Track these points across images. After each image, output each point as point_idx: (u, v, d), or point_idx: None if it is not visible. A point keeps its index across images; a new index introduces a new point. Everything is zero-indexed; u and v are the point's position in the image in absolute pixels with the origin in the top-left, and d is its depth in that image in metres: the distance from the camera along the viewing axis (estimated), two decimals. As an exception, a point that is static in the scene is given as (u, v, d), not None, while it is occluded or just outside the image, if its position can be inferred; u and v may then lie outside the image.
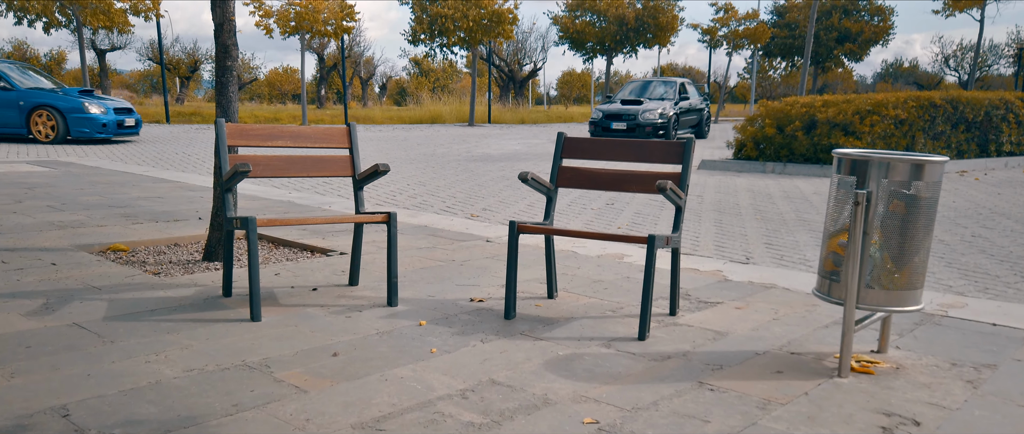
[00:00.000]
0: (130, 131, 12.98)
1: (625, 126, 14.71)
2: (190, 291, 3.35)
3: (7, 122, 12.27)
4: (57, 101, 12.04)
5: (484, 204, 6.78)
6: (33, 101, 12.09)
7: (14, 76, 12.63)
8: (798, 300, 3.51)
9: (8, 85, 12.31)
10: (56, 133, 12.04)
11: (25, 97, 12.15)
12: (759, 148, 9.70)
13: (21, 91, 12.21)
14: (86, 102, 12.10)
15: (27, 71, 13.36)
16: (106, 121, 12.20)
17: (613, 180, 3.23)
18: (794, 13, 28.20)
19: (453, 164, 10.64)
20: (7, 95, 12.26)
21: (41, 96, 12.13)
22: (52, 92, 12.33)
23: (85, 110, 12.03)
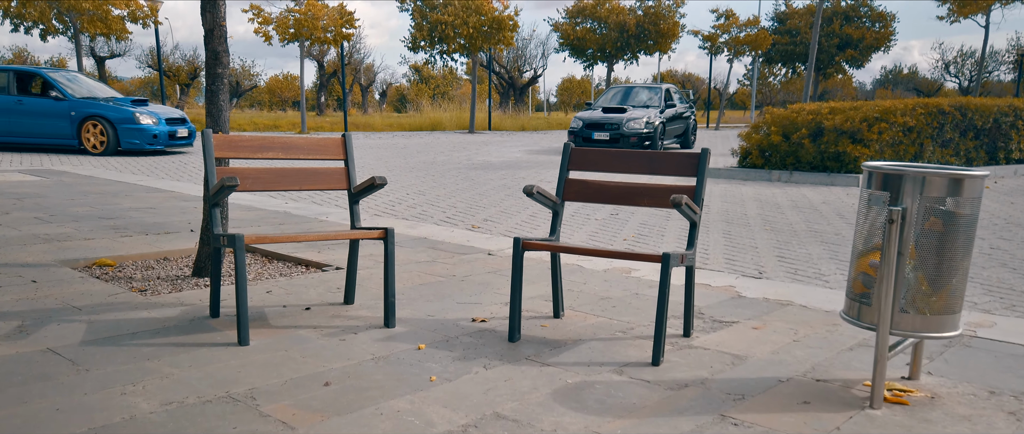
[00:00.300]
0: (183, 142, 12.37)
1: (608, 136, 13.50)
2: (175, 311, 3.17)
3: (58, 133, 11.82)
4: (108, 111, 11.56)
5: (485, 214, 6.61)
6: (84, 111, 11.63)
7: (66, 85, 12.17)
8: (817, 319, 3.33)
9: (60, 95, 11.85)
10: (106, 144, 11.60)
11: (76, 107, 11.68)
12: (765, 156, 9.53)
13: (72, 100, 11.75)
14: (137, 112, 11.61)
15: (80, 79, 12.79)
16: (157, 132, 11.65)
17: (623, 194, 3.05)
18: (795, 20, 28.08)
19: (453, 172, 10.48)
20: (58, 105, 11.78)
21: (92, 106, 11.66)
22: (103, 102, 11.88)
23: (136, 121, 11.53)
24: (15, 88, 12.15)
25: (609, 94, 15.79)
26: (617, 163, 3.11)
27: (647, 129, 13.39)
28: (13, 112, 11.99)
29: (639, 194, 3.01)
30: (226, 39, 3.86)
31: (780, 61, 29.57)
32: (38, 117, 11.88)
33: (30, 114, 11.93)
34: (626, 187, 3.07)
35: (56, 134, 11.84)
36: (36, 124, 11.93)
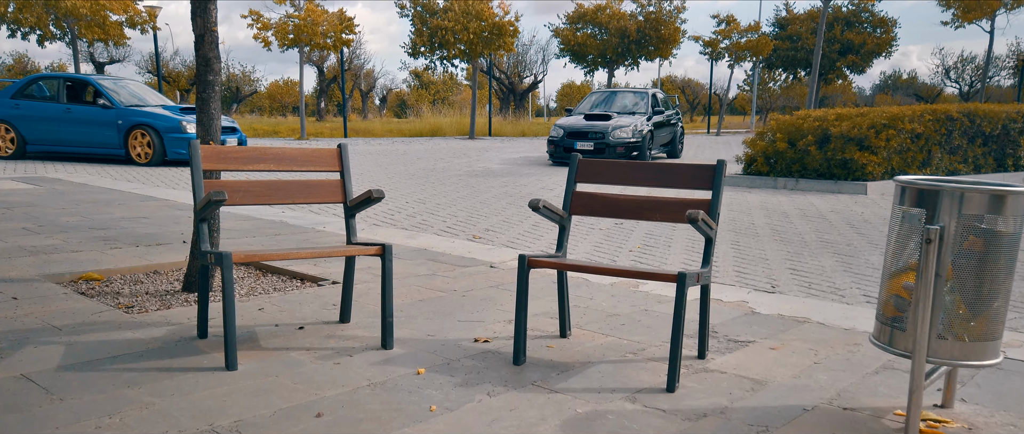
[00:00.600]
0: None
1: (592, 146, 12.10)
2: (162, 331, 3.00)
3: (105, 142, 11.27)
4: (154, 120, 10.98)
5: (487, 224, 6.45)
6: (131, 120, 11.05)
7: (115, 92, 11.58)
8: (837, 338, 3.16)
9: (108, 103, 11.27)
10: (152, 155, 11.04)
11: (123, 115, 11.10)
12: (770, 163, 9.37)
13: (119, 109, 11.17)
14: (184, 121, 10.99)
15: (131, 86, 12.16)
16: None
17: (634, 208, 2.89)
18: (796, 25, 27.98)
19: (454, 179, 10.32)
20: (105, 113, 11.23)
21: (138, 114, 11.08)
22: (151, 110, 11.28)
23: (182, 129, 10.91)
24: (65, 96, 11.65)
25: (591, 99, 14.47)
26: (627, 175, 2.95)
27: (634, 138, 12.08)
28: (62, 121, 11.49)
29: (651, 208, 2.85)
30: (218, 45, 3.71)
31: (781, 66, 29.45)
32: (86, 126, 11.39)
33: (78, 123, 11.44)
34: (637, 200, 2.91)
35: (103, 143, 11.30)
36: (84, 133, 11.43)
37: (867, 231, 6.19)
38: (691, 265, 4.82)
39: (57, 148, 11.73)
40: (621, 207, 2.92)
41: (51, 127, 11.52)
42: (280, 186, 3.00)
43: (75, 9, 14.95)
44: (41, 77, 11.82)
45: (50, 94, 11.73)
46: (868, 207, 7.61)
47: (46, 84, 11.76)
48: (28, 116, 11.61)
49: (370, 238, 5.44)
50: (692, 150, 18.58)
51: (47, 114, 11.51)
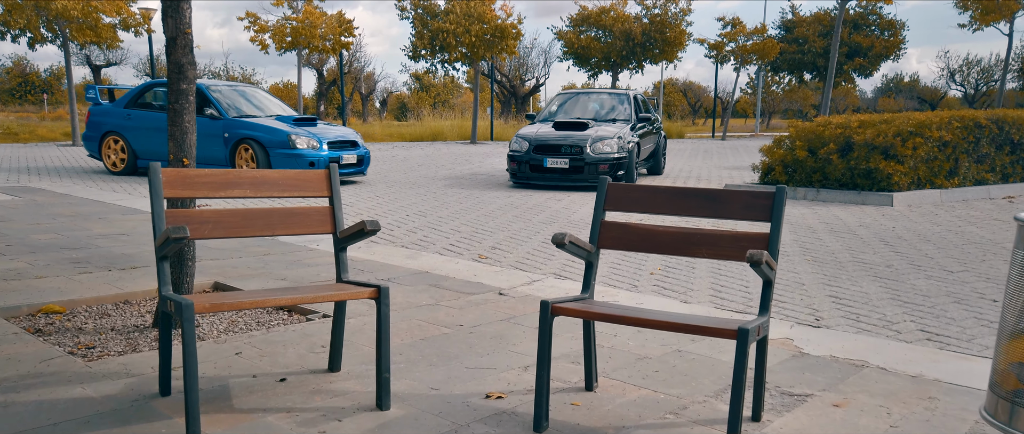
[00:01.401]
0: (352, 170, 10.05)
1: (567, 164, 9.31)
2: (118, 385, 2.56)
3: (212, 157, 9.95)
4: (260, 132, 9.53)
5: (493, 240, 6.00)
6: (237, 132, 9.68)
7: (224, 100, 10.23)
8: (906, 390, 2.72)
9: (215, 112, 9.95)
10: None
11: (230, 127, 9.76)
12: (788, 172, 8.93)
13: (227, 119, 9.85)
14: (293, 134, 9.45)
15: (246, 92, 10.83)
16: (314, 158, 9.42)
17: (677, 242, 2.44)
18: (802, 28, 27.54)
19: (456, 189, 9.87)
20: (213, 125, 9.90)
21: (245, 126, 9.67)
22: (259, 121, 9.80)
23: (290, 145, 9.36)
24: None
25: (559, 103, 11.61)
26: (668, 203, 2.50)
27: (620, 153, 9.38)
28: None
29: (698, 243, 2.40)
30: (192, 49, 3.27)
31: (787, 70, 29.01)
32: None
33: None
34: (680, 234, 2.46)
35: (209, 159, 9.96)
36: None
37: (904, 249, 5.74)
38: (725, 297, 4.37)
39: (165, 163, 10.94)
40: (661, 241, 2.47)
41: (160, 139, 10.21)
42: (258, 216, 2.55)
43: (66, 11, 14.52)
44: (156, 83, 10.61)
45: (162, 103, 10.55)
46: (898, 220, 7.16)
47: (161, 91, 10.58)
48: (137, 127, 10.36)
49: (367, 259, 5.00)
50: (697, 159, 18.13)
51: (156, 125, 10.23)
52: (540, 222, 6.99)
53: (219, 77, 44.54)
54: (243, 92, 10.75)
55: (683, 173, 12.85)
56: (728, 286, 4.50)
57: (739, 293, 4.32)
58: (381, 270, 4.69)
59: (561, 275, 4.76)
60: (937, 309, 4.02)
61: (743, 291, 4.37)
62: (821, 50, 27.29)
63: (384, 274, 4.56)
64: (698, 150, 20.07)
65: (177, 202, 3.00)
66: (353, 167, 10.05)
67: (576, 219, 7.20)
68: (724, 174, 12.58)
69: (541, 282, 4.46)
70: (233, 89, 10.61)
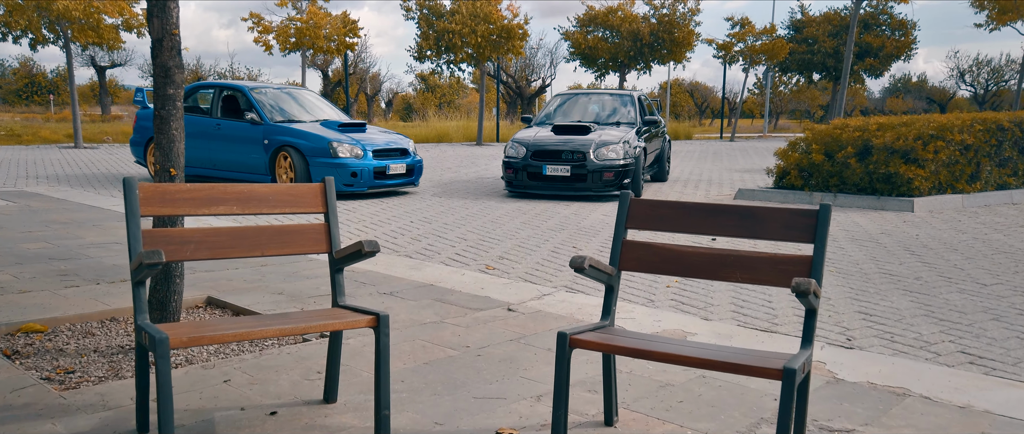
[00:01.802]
0: (400, 181, 9.00)
1: (568, 172, 8.56)
2: (92, 420, 2.33)
3: (252, 166, 9.04)
4: (299, 139, 8.60)
5: (500, 249, 5.77)
6: (277, 138, 8.78)
7: (266, 103, 9.27)
8: (957, 423, 2.47)
9: (256, 116, 9.03)
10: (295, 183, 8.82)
11: (270, 133, 8.87)
12: (804, 176, 8.66)
13: (267, 124, 8.94)
14: (335, 142, 8.48)
15: (292, 94, 9.86)
16: (357, 169, 8.41)
17: (709, 264, 2.20)
18: (812, 28, 27.20)
19: (462, 193, 9.64)
20: (253, 130, 9.02)
21: (285, 132, 8.77)
22: (299, 127, 8.87)
23: (330, 153, 8.40)
24: (219, 109, 9.54)
25: (557, 105, 10.78)
26: (698, 221, 2.26)
27: (626, 160, 8.63)
28: (214, 138, 9.40)
29: (733, 266, 2.16)
30: (180, 52, 3.05)
31: (796, 70, 28.67)
32: (233, 145, 9.23)
33: (227, 140, 9.28)
34: (712, 255, 2.22)
35: (249, 167, 9.12)
36: (231, 154, 9.28)
37: (931, 259, 5.48)
38: (748, 313, 4.13)
39: (208, 171, 9.61)
40: (690, 263, 2.23)
41: (203, 146, 9.50)
42: (247, 235, 2.33)
43: (67, 12, 14.35)
44: (202, 86, 9.94)
45: (206, 106, 9.81)
46: (921, 228, 6.90)
47: (206, 94, 9.86)
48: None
49: (369, 270, 4.77)
50: (706, 161, 17.86)
51: (200, 130, 9.50)
52: (548, 229, 6.76)
53: (224, 78, 44.37)
54: (292, 95, 9.90)
55: (692, 177, 12.58)
56: (750, 300, 4.25)
57: (762, 309, 4.07)
58: (384, 282, 4.46)
59: (573, 288, 4.52)
60: (975, 327, 3.77)
61: (766, 306, 4.12)
62: (831, 50, 26.96)
63: (387, 287, 4.34)
64: (707, 152, 19.80)
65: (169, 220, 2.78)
66: (402, 178, 9.04)
67: (586, 226, 6.96)
68: (735, 177, 12.32)
69: (552, 296, 4.23)
70: (280, 92, 9.78)
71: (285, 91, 9.87)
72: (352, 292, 4.24)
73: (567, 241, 6.14)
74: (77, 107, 16.26)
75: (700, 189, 10.35)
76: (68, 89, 52.41)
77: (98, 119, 30.07)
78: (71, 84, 16.22)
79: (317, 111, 9.78)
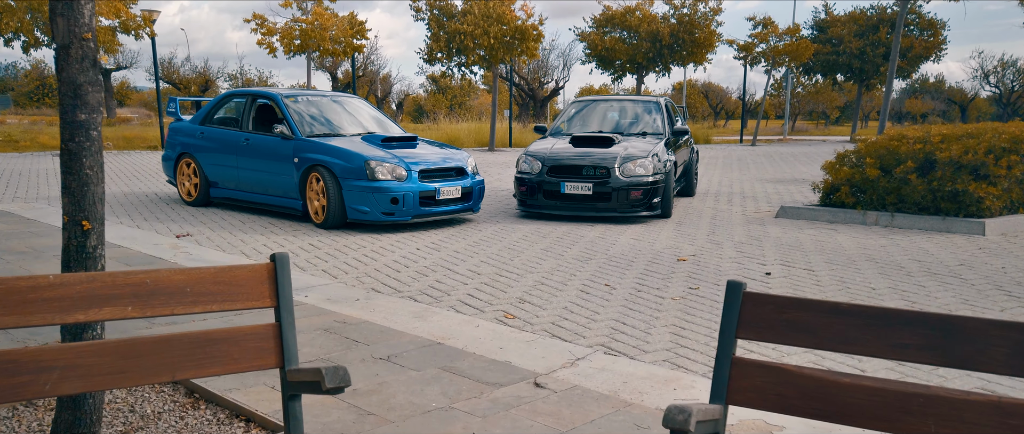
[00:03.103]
0: (454, 207, 7.36)
1: (590, 190, 7.54)
2: None
3: (282, 188, 7.55)
4: (332, 157, 7.03)
5: (520, 287, 4.94)
6: (308, 156, 7.20)
7: (303, 113, 7.73)
8: None
9: (288, 130, 7.46)
10: (327, 211, 7.06)
11: (301, 149, 7.29)
12: (857, 193, 7.78)
13: (298, 140, 7.36)
14: (374, 161, 6.87)
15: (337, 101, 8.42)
16: (399, 193, 6.84)
17: (879, 407, 1.36)
18: (837, 28, 26.17)
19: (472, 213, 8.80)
20: (283, 146, 7.47)
21: (315, 147, 7.18)
22: (334, 143, 7.22)
23: (367, 174, 6.83)
24: (250, 121, 8.04)
25: (574, 113, 9.72)
26: (857, 333, 1.42)
27: (656, 175, 7.60)
28: (242, 154, 7.91)
29: (922, 413, 1.32)
30: (95, 63, 2.25)
31: (821, 71, 27.66)
32: (261, 162, 7.71)
33: (255, 157, 7.78)
34: (884, 392, 1.37)
35: (279, 189, 7.59)
36: (259, 174, 7.76)
37: (1034, 303, 4.60)
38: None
39: (237, 194, 8.15)
40: (847, 403, 1.39)
41: (230, 163, 8.06)
42: (147, 350, 1.51)
43: (61, 13, 13.67)
44: (234, 94, 8.55)
45: (236, 116, 8.38)
46: (1001, 256, 6.01)
47: (238, 103, 8.43)
48: (208, 148, 8.28)
49: (364, 320, 3.96)
50: (732, 169, 16.94)
51: (226, 145, 8.09)
52: (573, 258, 5.93)
53: (235, 81, 43.60)
54: (338, 103, 8.37)
55: (722, 190, 11.69)
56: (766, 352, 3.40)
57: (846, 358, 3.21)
58: (380, 339, 3.65)
59: (611, 348, 3.69)
60: None
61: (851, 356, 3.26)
62: (857, 51, 25.93)
63: (384, 348, 3.53)
64: (731, 159, 18.87)
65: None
66: (456, 203, 7.37)
67: (616, 254, 6.13)
68: (769, 190, 11.43)
69: (588, 361, 3.41)
70: (321, 99, 8.28)
71: (330, 98, 8.39)
72: (341, 355, 3.43)
73: (597, 275, 5.30)
74: (72, 113, 15.60)
75: (734, 204, 9.47)
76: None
77: (104, 123, 29.57)
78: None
79: (361, 123, 8.18)
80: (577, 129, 9.30)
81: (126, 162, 14.36)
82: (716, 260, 5.88)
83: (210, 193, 8.39)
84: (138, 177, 11.63)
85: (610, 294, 4.78)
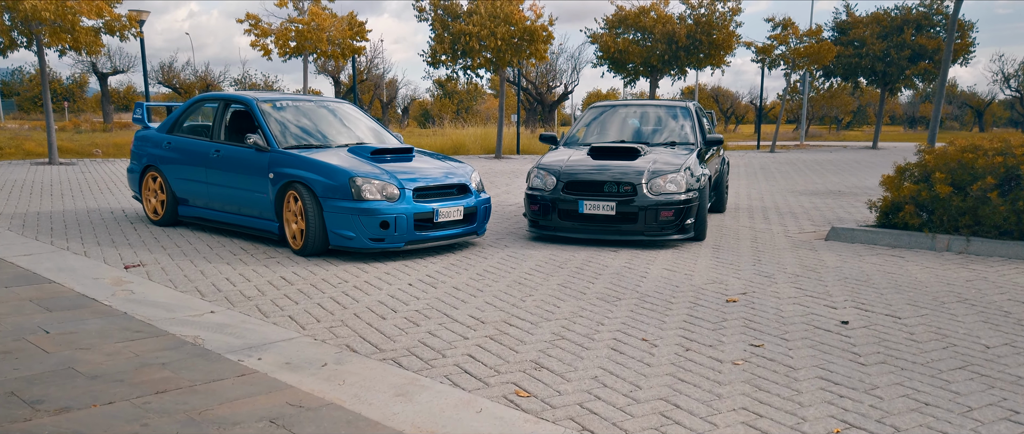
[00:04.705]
0: (455, 231, 6.30)
1: (614, 209, 6.51)
2: None
3: (256, 207, 6.48)
4: (312, 172, 5.98)
5: (534, 343, 3.90)
6: (284, 171, 6.14)
7: (281, 121, 6.72)
8: None
9: (262, 140, 6.42)
10: (306, 236, 5.96)
11: (277, 163, 6.24)
12: (923, 213, 6.71)
13: (274, 153, 6.32)
14: (360, 177, 5.85)
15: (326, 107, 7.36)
16: (391, 216, 5.80)
17: None
18: (859, 29, 25.02)
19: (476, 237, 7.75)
20: (257, 158, 6.42)
21: (294, 162, 6.14)
22: (314, 156, 6.17)
23: (352, 193, 5.80)
24: (222, 130, 6.99)
25: (592, 119, 8.55)
26: None
27: (689, 193, 6.59)
28: (211, 168, 6.87)
29: None
30: None
31: (842, 75, 26.51)
32: (233, 177, 6.67)
33: (226, 170, 6.73)
34: None
35: (253, 209, 6.52)
36: (230, 190, 6.71)
37: None
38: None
39: (207, 213, 7.05)
40: None
41: (199, 177, 7.01)
42: None
43: (37, 12, 12.76)
44: (206, 98, 7.52)
45: (207, 124, 7.37)
46: (1120, 296, 4.92)
47: (210, 108, 7.41)
48: (175, 160, 7.25)
49: (329, 399, 2.92)
50: (758, 180, 15.82)
51: (195, 157, 7.04)
52: (597, 298, 4.88)
53: (240, 85, 42.69)
54: (327, 109, 7.30)
55: (754, 204, 10.60)
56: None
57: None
58: (342, 445, 2.62)
59: (667, 452, 2.65)
60: None
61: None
62: (880, 53, 24.77)
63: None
64: (753, 167, 17.77)
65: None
66: (458, 226, 6.31)
67: (649, 290, 5.08)
68: (806, 204, 10.34)
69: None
70: (306, 105, 7.14)
71: (317, 104, 7.31)
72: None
73: (630, 323, 4.25)
74: (51, 119, 14.70)
75: (772, 223, 8.40)
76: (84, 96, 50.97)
77: (99, 127, 28.70)
78: (45, 91, 14.66)
79: (352, 132, 7.11)
80: (595, 138, 8.18)
81: (109, 171, 13.41)
82: (772, 300, 4.82)
83: (178, 211, 7.35)
84: (111, 190, 10.66)
85: (651, 354, 3.73)
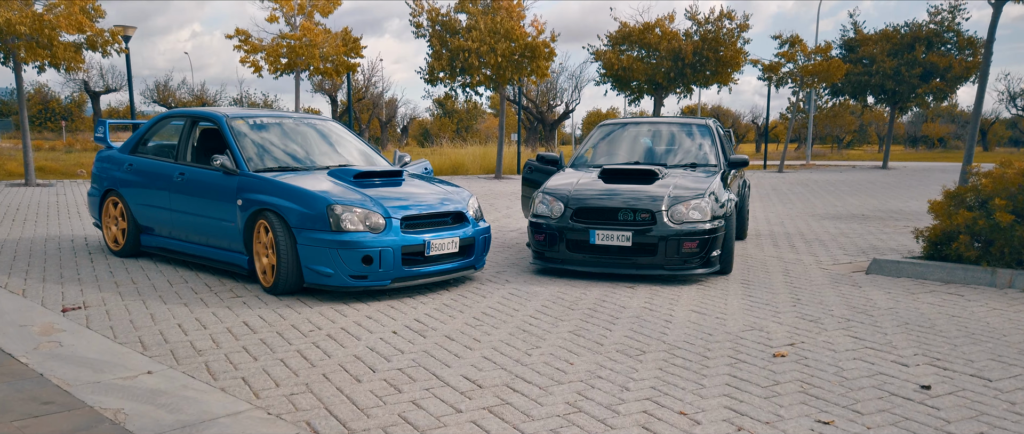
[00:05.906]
0: (450, 265, 5.52)
1: (629, 240, 5.74)
2: None
3: (223, 237, 5.72)
4: (285, 199, 5.23)
5: (546, 421, 3.11)
6: (253, 198, 5.40)
7: (254, 141, 5.96)
8: None
9: (230, 162, 5.68)
10: (277, 272, 5.19)
11: (245, 188, 5.50)
12: (979, 244, 5.94)
13: (243, 175, 5.59)
14: (340, 205, 5.09)
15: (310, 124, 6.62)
16: (374, 250, 5.03)
17: None
18: (869, 46, 24.41)
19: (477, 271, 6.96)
20: (224, 182, 5.68)
21: (264, 187, 5.39)
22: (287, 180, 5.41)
23: (330, 223, 5.04)
24: (188, 150, 6.33)
25: (601, 138, 7.81)
26: None
27: (714, 221, 5.83)
28: (174, 193, 6.13)
29: None
30: None
31: (851, 93, 25.85)
32: (198, 203, 5.93)
33: (191, 196, 5.99)
34: None
35: (220, 239, 5.77)
36: (195, 218, 5.96)
37: None
38: None
39: (171, 243, 6.28)
40: None
41: (162, 203, 6.27)
42: None
43: (11, 26, 12.09)
44: (172, 115, 6.74)
45: (172, 144, 6.64)
46: None
47: (176, 127, 6.60)
48: (137, 183, 6.53)
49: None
50: (775, 202, 15.05)
51: (158, 180, 6.32)
52: (618, 349, 4.09)
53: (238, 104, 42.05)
54: (309, 126, 6.57)
55: (777, 230, 9.81)
56: None
57: None
58: None
59: None
60: None
61: None
62: (891, 71, 24.12)
63: None
64: (764, 188, 17.03)
65: None
66: (453, 260, 5.55)
67: (676, 339, 4.29)
68: (833, 230, 9.56)
69: None
70: (285, 122, 6.41)
71: (296, 121, 6.52)
72: None
73: (660, 386, 3.46)
74: (28, 139, 13.95)
75: (801, 252, 7.61)
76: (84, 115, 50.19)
77: (91, 147, 28.04)
78: (21, 110, 13.95)
79: (337, 153, 6.38)
80: (605, 159, 7.38)
81: (84, 194, 12.66)
82: (828, 354, 4.03)
83: (141, 241, 6.56)
84: (81, 214, 9.88)
85: (692, 436, 2.93)
